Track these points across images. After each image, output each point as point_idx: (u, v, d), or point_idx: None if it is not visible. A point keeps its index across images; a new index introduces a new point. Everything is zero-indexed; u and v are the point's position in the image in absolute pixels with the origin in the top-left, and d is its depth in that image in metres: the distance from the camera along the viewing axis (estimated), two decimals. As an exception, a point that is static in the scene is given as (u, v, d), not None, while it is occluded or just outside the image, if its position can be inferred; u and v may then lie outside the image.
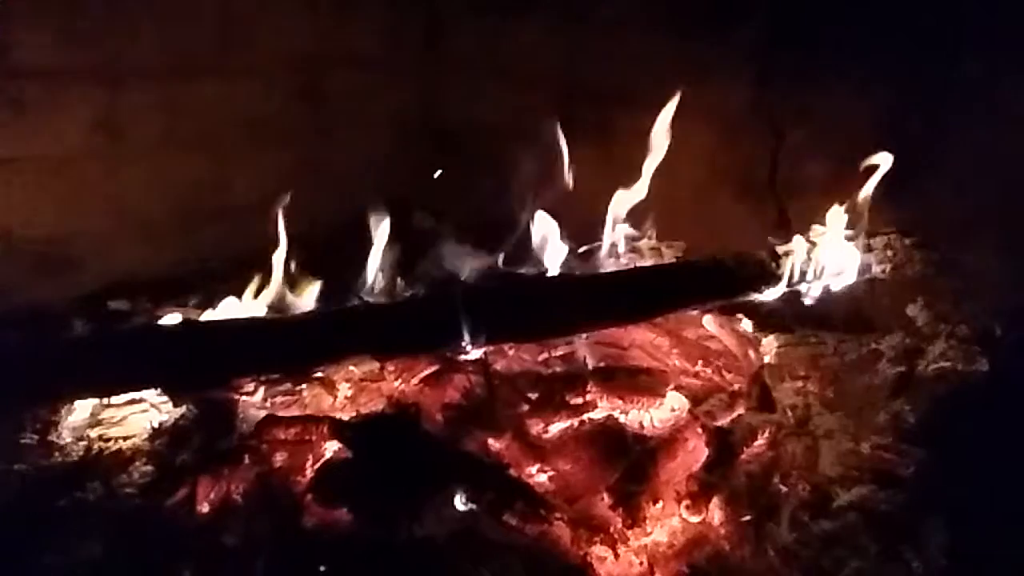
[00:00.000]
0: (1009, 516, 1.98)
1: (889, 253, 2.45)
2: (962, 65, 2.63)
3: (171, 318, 2.47)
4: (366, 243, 2.62)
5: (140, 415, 2.26)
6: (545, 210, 2.66)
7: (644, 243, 2.71)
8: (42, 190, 2.83)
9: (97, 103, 2.89)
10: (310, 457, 1.95)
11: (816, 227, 2.46)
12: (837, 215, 2.46)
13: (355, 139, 3.56)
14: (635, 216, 2.73)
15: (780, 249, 2.40)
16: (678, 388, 2.24)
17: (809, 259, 2.38)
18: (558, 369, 2.27)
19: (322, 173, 3.45)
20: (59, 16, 2.74)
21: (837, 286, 2.44)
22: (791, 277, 2.37)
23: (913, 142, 2.72)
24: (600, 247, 2.65)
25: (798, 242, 2.42)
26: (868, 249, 2.43)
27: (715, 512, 1.95)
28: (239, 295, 2.47)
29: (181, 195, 3.13)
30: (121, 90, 2.92)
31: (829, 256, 2.40)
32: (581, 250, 2.58)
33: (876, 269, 2.43)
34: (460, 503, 1.78)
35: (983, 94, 2.61)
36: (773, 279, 2.35)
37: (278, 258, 2.48)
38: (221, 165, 3.22)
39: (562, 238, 2.61)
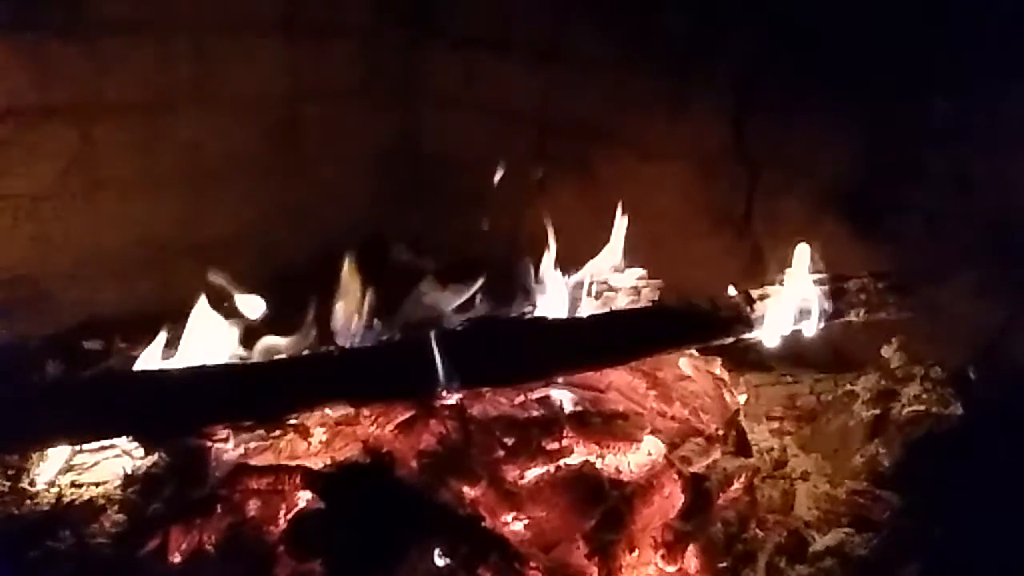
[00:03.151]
0: (985, 560, 1.98)
1: (863, 296, 2.46)
2: (937, 105, 2.65)
3: (144, 360, 2.44)
4: (343, 281, 2.61)
5: (113, 460, 2.24)
6: (523, 247, 2.67)
7: (621, 282, 2.70)
8: (16, 228, 2.82)
9: (71, 141, 2.87)
10: (283, 507, 1.93)
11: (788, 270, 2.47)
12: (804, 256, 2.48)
13: (332, 175, 3.56)
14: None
15: (755, 293, 2.41)
16: (655, 432, 2.23)
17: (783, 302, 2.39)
18: (534, 413, 2.25)
19: (299, 209, 3.44)
20: (32, 54, 2.73)
21: (808, 330, 2.45)
22: (765, 321, 2.38)
23: (888, 182, 2.75)
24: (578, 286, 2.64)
25: (773, 286, 2.42)
26: (842, 291, 2.44)
27: (691, 560, 1.94)
28: (212, 335, 2.44)
29: (156, 232, 3.11)
30: (95, 128, 2.91)
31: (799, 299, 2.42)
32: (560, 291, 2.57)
33: (850, 312, 2.43)
34: (435, 557, 1.77)
35: (958, 135, 2.63)
36: (748, 323, 2.35)
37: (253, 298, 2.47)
38: (196, 202, 3.20)
39: (540, 277, 2.61)
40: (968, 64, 2.59)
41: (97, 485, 2.17)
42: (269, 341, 2.37)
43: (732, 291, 2.47)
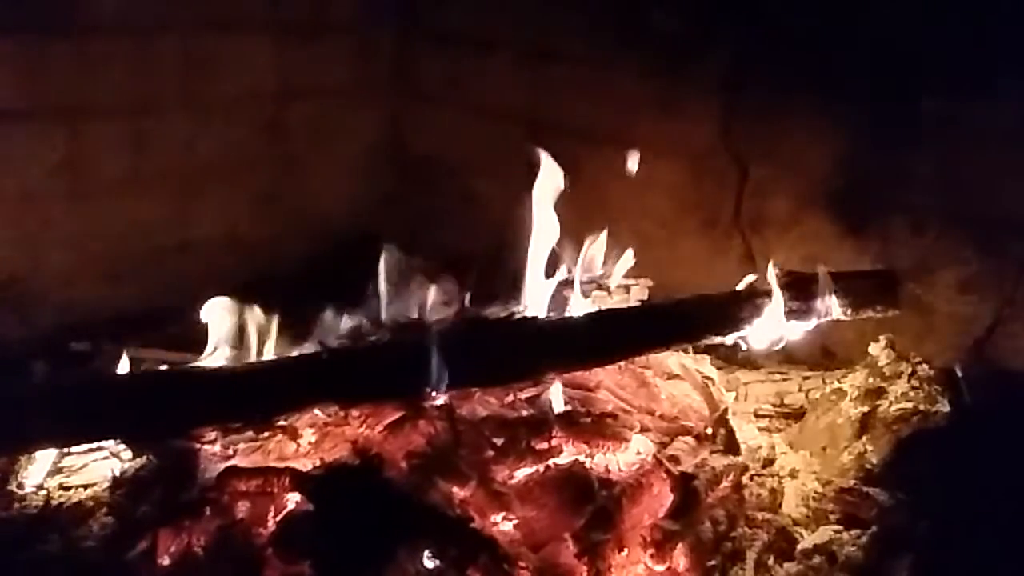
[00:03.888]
0: (973, 557, 1.99)
1: (851, 294, 2.47)
2: (924, 104, 2.66)
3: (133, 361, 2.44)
4: (332, 280, 2.61)
5: (101, 462, 2.23)
6: (512, 247, 2.67)
7: (610, 281, 2.70)
8: (3, 229, 2.81)
9: (59, 141, 2.86)
10: (272, 509, 1.93)
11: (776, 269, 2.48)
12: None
13: (321, 173, 3.55)
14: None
15: (744, 292, 2.41)
16: (644, 431, 2.24)
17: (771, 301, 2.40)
18: (524, 413, 2.26)
19: (288, 208, 3.43)
20: (20, 54, 2.72)
21: (796, 329, 2.46)
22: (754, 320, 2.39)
23: (875, 180, 2.76)
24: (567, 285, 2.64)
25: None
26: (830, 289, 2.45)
27: (680, 559, 1.95)
28: (203, 335, 2.44)
29: (144, 232, 3.10)
30: (83, 128, 2.90)
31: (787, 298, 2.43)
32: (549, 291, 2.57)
33: (837, 311, 2.44)
34: (425, 558, 1.77)
35: (947, 134, 2.64)
36: (736, 322, 2.36)
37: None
38: (185, 201, 3.20)
39: (530, 276, 2.60)
40: (955, 64, 2.60)
41: (86, 488, 2.16)
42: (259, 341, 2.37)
43: (748, 278, 2.49)
